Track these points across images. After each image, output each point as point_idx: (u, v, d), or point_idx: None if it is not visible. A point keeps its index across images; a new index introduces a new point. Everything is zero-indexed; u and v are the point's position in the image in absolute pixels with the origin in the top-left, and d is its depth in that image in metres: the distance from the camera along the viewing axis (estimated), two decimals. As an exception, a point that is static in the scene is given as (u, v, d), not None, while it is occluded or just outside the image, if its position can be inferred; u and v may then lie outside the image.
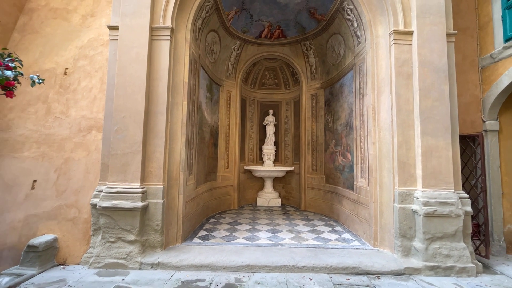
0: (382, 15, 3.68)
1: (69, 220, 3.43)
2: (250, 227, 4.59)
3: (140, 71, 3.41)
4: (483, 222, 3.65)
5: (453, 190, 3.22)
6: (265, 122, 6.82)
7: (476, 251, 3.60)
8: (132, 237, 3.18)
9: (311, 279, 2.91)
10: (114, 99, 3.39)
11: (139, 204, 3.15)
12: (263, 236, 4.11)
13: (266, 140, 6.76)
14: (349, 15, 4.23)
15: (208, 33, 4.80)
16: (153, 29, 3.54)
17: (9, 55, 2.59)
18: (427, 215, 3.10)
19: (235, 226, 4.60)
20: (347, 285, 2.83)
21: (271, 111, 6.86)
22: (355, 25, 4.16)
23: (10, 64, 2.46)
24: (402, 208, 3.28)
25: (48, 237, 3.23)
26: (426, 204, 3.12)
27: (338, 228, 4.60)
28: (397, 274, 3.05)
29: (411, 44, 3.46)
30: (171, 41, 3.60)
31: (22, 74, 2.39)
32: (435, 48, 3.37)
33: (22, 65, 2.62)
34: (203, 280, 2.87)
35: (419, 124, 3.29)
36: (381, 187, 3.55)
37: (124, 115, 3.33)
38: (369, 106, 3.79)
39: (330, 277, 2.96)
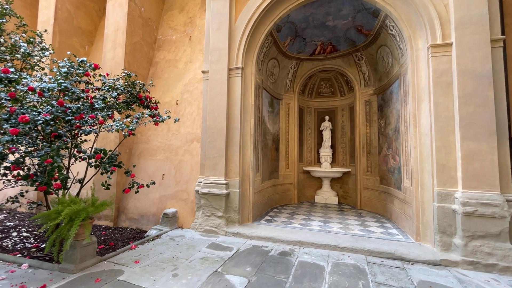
0: (421, 30, 4.02)
1: (183, 200, 5.31)
2: (305, 217, 5.55)
3: (222, 100, 4.95)
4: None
5: (499, 193, 3.33)
6: (322, 128, 7.57)
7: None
8: (220, 213, 4.71)
9: (349, 257, 3.68)
10: (207, 120, 5.03)
11: (224, 191, 4.66)
12: (315, 224, 5.01)
13: (323, 143, 7.51)
14: (391, 30, 4.65)
15: (268, 61, 6.06)
16: (229, 70, 5.03)
17: (155, 101, 4.52)
18: (466, 214, 3.36)
19: (293, 216, 5.66)
20: (380, 264, 3.47)
21: (327, 117, 7.55)
22: (398, 39, 4.55)
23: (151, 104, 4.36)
24: (441, 207, 3.60)
25: (173, 209, 5.15)
26: (465, 204, 3.38)
27: (388, 224, 5.00)
28: (432, 264, 3.44)
29: (450, 55, 3.71)
30: (242, 76, 5.00)
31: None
32: (477, 56, 3.53)
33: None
34: (266, 247, 4.08)
35: (459, 130, 3.54)
36: (422, 187, 3.92)
37: (214, 131, 4.93)
38: (411, 114, 4.17)
39: (366, 257, 3.66)
